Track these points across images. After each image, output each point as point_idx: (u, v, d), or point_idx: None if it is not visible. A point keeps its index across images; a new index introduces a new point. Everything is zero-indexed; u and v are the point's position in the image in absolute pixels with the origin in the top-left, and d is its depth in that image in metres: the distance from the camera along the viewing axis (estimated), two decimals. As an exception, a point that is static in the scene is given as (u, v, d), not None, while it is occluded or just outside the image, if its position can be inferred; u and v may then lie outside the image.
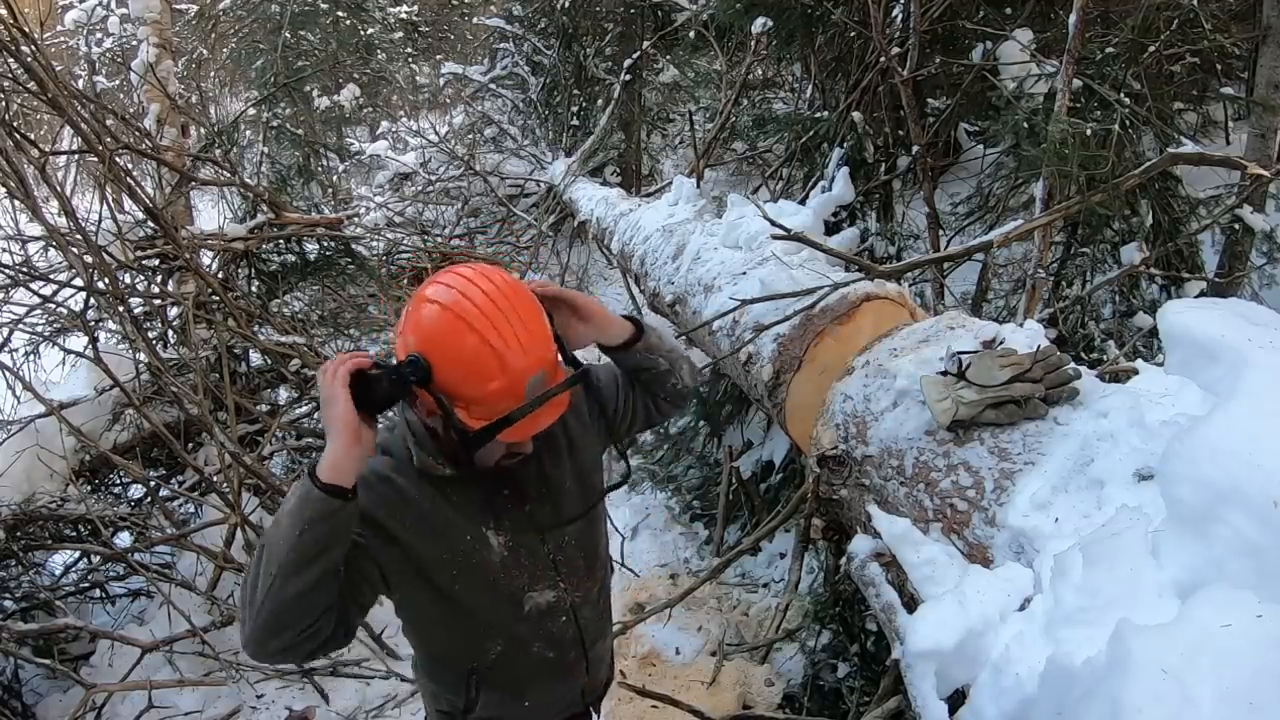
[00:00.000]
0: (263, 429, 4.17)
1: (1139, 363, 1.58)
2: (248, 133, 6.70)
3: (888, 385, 1.54)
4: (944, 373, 1.43)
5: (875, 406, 1.54)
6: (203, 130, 5.30)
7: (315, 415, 4.46)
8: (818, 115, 4.37)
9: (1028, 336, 1.60)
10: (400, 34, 12.32)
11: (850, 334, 2.23)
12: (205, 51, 10.40)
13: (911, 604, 1.16)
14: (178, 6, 8.82)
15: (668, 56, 8.88)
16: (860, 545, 1.24)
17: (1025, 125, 2.77)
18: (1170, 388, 1.44)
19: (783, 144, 5.35)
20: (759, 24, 4.64)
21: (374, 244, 7.90)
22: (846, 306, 2.22)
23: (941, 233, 3.42)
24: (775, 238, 2.38)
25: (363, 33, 10.84)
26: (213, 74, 11.09)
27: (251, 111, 5.56)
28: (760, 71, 7.20)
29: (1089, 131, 2.56)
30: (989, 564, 1.26)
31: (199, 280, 4.12)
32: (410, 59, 12.87)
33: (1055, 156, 2.35)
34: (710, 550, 3.53)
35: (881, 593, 1.17)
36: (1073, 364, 1.50)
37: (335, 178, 8.70)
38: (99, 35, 9.85)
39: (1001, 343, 1.49)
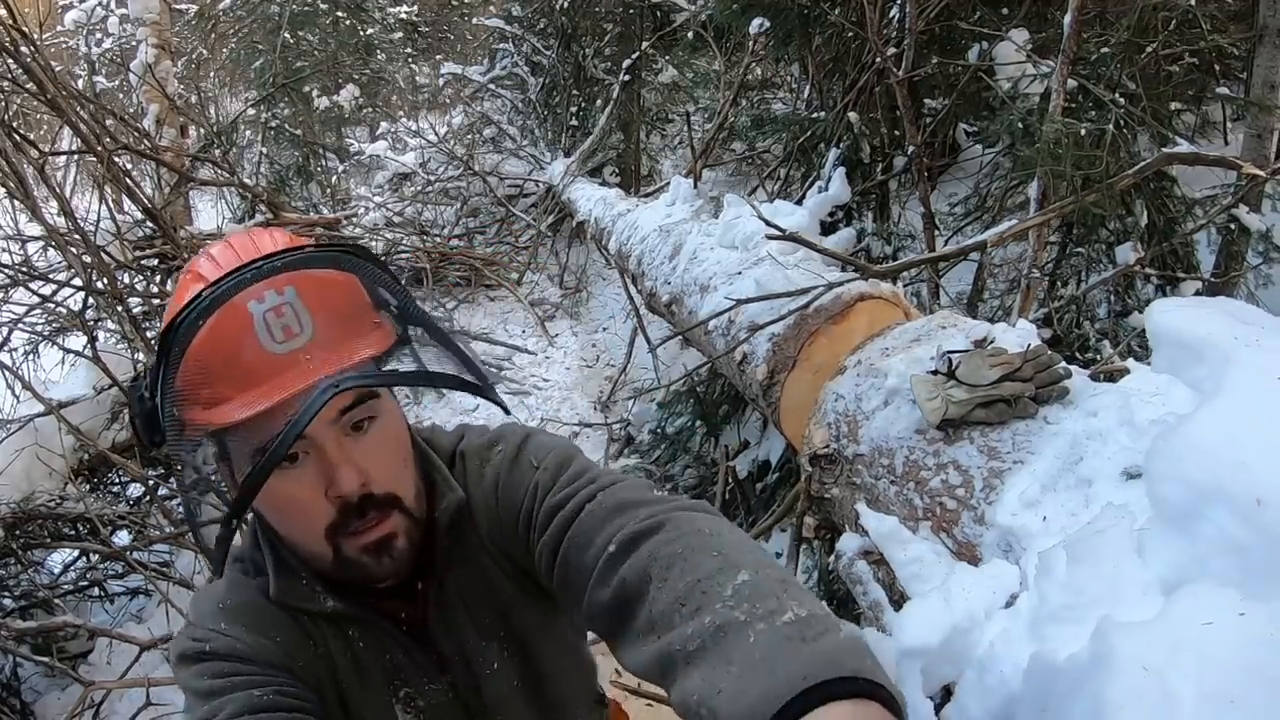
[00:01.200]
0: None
1: (1130, 362, 1.59)
2: (247, 133, 6.71)
3: (879, 384, 1.54)
4: (934, 372, 1.44)
5: (866, 405, 1.55)
6: (201, 131, 5.31)
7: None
8: (815, 115, 4.38)
9: (1019, 336, 1.60)
10: (400, 34, 12.34)
11: (844, 333, 2.23)
12: (205, 52, 10.42)
13: (899, 602, 1.16)
14: (177, 7, 8.83)
15: (666, 57, 8.91)
16: (848, 543, 1.25)
17: (1020, 125, 2.78)
18: (1161, 387, 1.44)
19: (780, 144, 5.37)
20: (756, 24, 4.65)
21: (373, 244, 7.93)
22: (841, 306, 2.22)
23: (938, 233, 3.43)
24: (770, 238, 2.39)
25: (362, 33, 10.84)
26: (212, 74, 11.11)
27: (251, 112, 5.57)
28: (759, 72, 7.22)
29: (1083, 131, 2.57)
30: (977, 562, 1.27)
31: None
32: (410, 59, 12.87)
33: (1049, 157, 2.36)
34: (707, 550, 3.54)
35: (869, 590, 1.18)
36: (1063, 363, 1.50)
37: (334, 178, 8.71)
38: (99, 35, 9.87)
39: (992, 342, 1.50)
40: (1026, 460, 1.32)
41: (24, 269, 3.99)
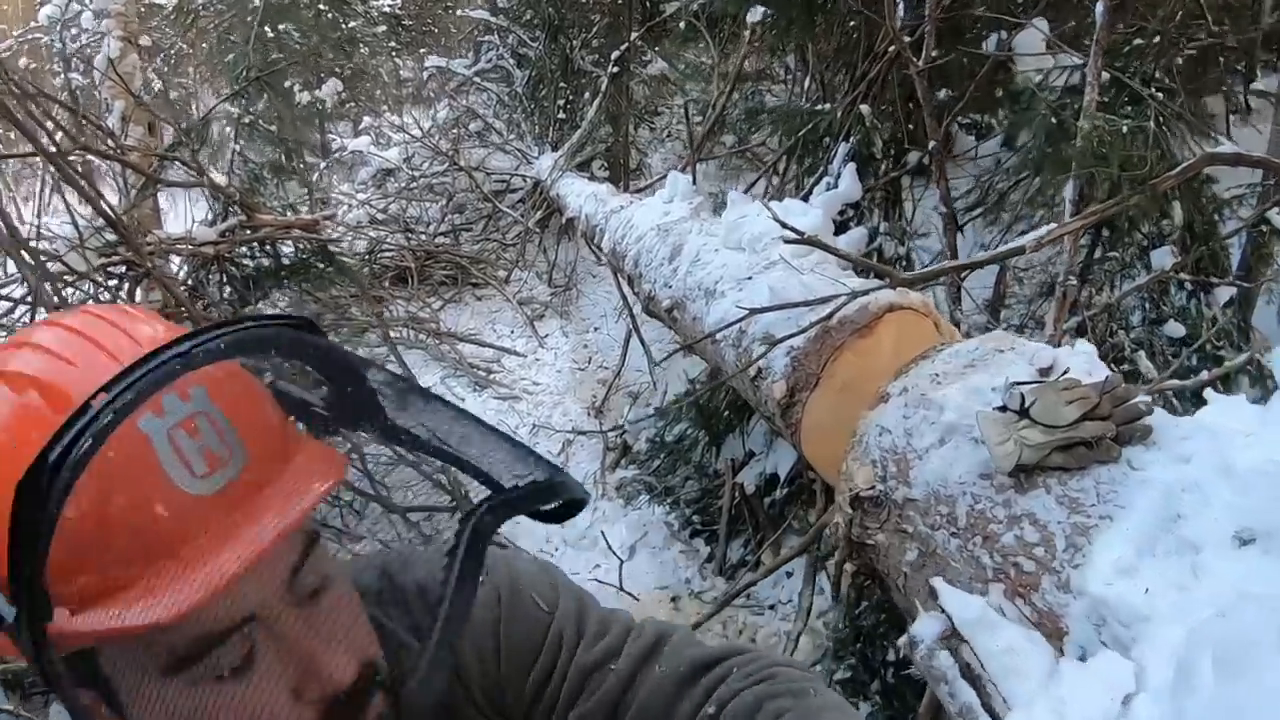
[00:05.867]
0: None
1: (1209, 392, 1.41)
2: (227, 129, 6.43)
3: (933, 418, 1.35)
4: (1002, 408, 1.25)
5: (918, 442, 1.35)
6: (171, 129, 5.05)
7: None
8: (817, 108, 4.18)
9: (1084, 361, 1.42)
10: (383, 28, 12.13)
11: (870, 348, 2.04)
12: (186, 47, 10.12)
13: (988, 703, 0.97)
14: (156, 1, 8.50)
15: (656, 49, 8.71)
16: (925, 629, 1.05)
17: (1054, 120, 2.59)
18: (1248, 423, 1.26)
19: (776, 139, 5.17)
20: (755, 13, 4.44)
21: (357, 243, 7.72)
22: (867, 318, 2.03)
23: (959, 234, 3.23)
24: (788, 242, 2.19)
25: (344, 26, 10.59)
26: (192, 70, 10.79)
27: (226, 107, 5.31)
28: (754, 62, 7.02)
29: (1125, 129, 2.39)
30: (1061, 636, 1.08)
31: (161, 290, 3.90)
32: (394, 53, 12.64)
33: (1092, 156, 2.17)
34: (712, 569, 3.35)
35: (956, 692, 0.99)
36: (1144, 396, 1.32)
37: (316, 176, 8.45)
38: (74, 31, 9.51)
39: (1065, 372, 1.31)
40: (1115, 515, 1.13)
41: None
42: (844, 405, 2.03)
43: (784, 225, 2.31)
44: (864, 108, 3.37)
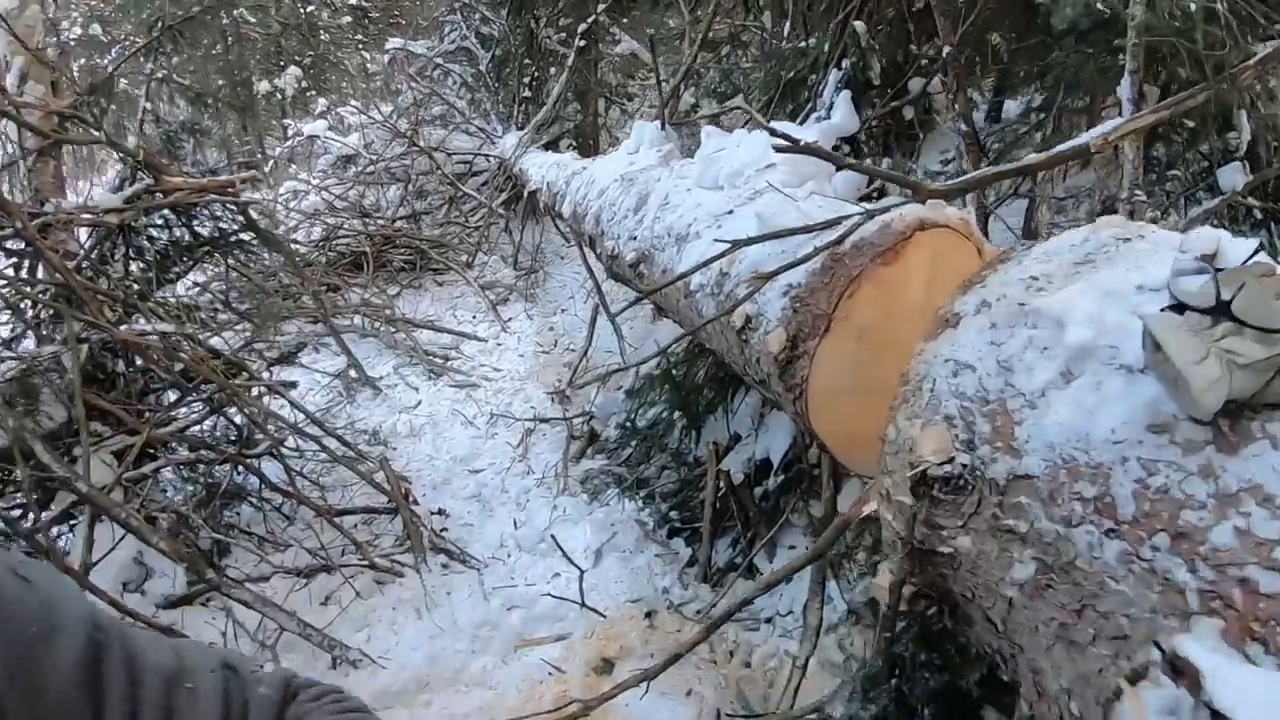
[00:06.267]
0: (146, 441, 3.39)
1: None
2: (140, 90, 5.81)
3: (1046, 340, 0.83)
4: (1173, 307, 0.73)
5: (1026, 381, 0.84)
6: (66, 83, 4.45)
7: (207, 423, 3.67)
8: (801, 46, 3.68)
9: (1247, 252, 0.91)
10: (349, 19, 11.73)
11: (898, 279, 1.54)
12: (138, 40, 9.65)
13: None
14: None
15: (625, 20, 8.28)
16: None
17: (1099, 8, 2.10)
18: None
19: (756, 99, 4.70)
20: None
21: (312, 229, 7.20)
22: (892, 239, 1.52)
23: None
24: (779, 150, 1.66)
25: (303, 11, 10.11)
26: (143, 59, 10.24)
27: (141, 62, 4.70)
28: (728, 26, 6.55)
29: (1192, 6, 1.90)
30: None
31: (48, 266, 3.32)
32: (360, 45, 12.22)
33: (1171, 29, 1.68)
34: (694, 575, 2.83)
35: None
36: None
37: (271, 165, 7.85)
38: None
39: (1257, 251, 0.80)
40: None
41: None
42: (866, 357, 1.52)
43: (775, 133, 1.79)
44: (858, 25, 2.86)
